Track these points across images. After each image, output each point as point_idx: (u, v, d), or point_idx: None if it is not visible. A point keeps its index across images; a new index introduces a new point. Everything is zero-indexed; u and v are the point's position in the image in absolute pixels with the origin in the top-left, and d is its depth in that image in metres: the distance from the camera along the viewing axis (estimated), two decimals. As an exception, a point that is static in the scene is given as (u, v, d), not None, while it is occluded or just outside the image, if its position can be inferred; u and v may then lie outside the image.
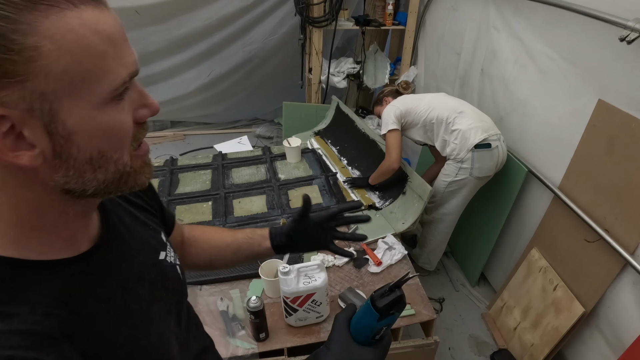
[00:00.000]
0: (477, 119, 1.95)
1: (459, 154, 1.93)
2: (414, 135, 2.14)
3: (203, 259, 0.84)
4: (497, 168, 2.00)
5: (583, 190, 1.66)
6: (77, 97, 0.38)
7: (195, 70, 3.66)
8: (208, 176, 2.37)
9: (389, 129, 2.01)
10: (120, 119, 0.42)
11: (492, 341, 2.07)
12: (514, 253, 2.14)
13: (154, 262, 0.60)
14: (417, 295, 1.62)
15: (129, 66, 0.41)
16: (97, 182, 0.43)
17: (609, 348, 1.57)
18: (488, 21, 2.19)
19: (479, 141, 1.88)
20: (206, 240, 0.84)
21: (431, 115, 2.01)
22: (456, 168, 1.97)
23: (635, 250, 1.42)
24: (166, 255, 0.63)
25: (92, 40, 0.38)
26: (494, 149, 1.92)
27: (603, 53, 1.50)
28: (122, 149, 0.44)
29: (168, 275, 0.61)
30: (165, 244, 0.64)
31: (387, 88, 2.40)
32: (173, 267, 0.63)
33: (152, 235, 0.63)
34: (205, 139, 3.90)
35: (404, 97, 2.18)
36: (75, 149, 0.40)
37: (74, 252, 0.47)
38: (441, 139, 2.02)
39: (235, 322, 1.48)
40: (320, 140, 2.74)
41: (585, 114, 1.62)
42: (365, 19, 2.92)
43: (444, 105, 2.01)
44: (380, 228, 1.94)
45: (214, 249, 0.84)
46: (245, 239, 0.85)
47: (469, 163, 1.92)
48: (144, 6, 3.16)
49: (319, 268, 1.43)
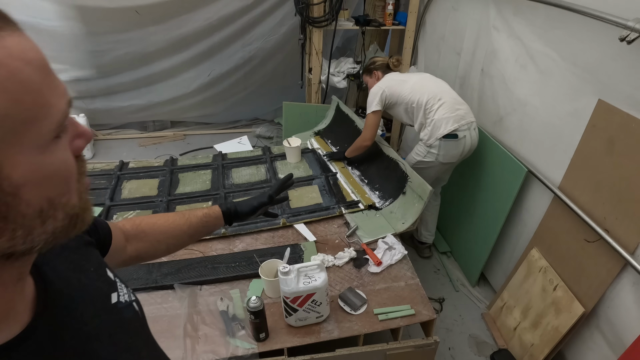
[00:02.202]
0: (453, 109, 2.08)
1: (429, 140, 2.11)
2: (396, 114, 2.31)
3: (160, 250, 0.84)
4: (464, 155, 2.17)
5: (583, 190, 1.66)
6: (21, 143, 0.32)
7: (195, 70, 3.66)
8: (208, 176, 2.37)
9: (372, 110, 2.21)
10: (64, 157, 0.37)
11: (492, 341, 2.07)
12: (514, 253, 2.14)
13: (108, 309, 0.53)
14: (417, 295, 1.62)
15: (64, 94, 0.37)
16: (47, 235, 0.37)
17: (609, 348, 1.57)
18: (488, 21, 2.19)
19: (448, 132, 2.04)
20: (160, 232, 0.84)
21: (412, 99, 2.15)
22: (425, 151, 2.16)
23: (635, 250, 1.42)
24: (118, 295, 0.55)
25: (26, 72, 0.32)
26: (461, 139, 2.08)
27: (603, 53, 1.50)
28: (70, 190, 0.38)
29: (126, 317, 0.55)
30: (114, 281, 0.57)
31: (379, 60, 2.41)
32: (129, 305, 0.56)
33: (96, 277, 0.55)
34: (205, 139, 3.90)
35: (391, 77, 2.28)
36: (24, 204, 0.34)
37: (13, 329, 0.39)
38: (419, 122, 2.17)
39: (235, 322, 1.48)
40: (320, 140, 2.74)
41: (585, 114, 1.62)
42: (365, 19, 2.92)
43: (426, 90, 2.14)
44: (380, 228, 1.94)
45: (172, 238, 0.85)
46: (201, 222, 0.90)
47: (437, 150, 2.11)
48: (144, 6, 3.16)
49: (319, 268, 1.43)
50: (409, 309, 1.55)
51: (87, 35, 3.29)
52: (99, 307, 0.51)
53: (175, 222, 0.86)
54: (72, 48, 3.32)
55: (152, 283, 1.62)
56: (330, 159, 2.48)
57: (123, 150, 3.69)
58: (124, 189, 2.23)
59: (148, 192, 2.21)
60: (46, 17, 3.11)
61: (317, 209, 2.06)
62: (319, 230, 1.95)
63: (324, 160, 2.50)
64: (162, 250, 0.85)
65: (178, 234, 0.86)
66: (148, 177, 2.35)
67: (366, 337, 1.49)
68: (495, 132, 2.23)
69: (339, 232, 1.94)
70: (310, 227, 1.96)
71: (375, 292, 1.63)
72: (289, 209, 2.07)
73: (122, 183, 2.28)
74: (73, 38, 3.27)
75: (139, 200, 2.14)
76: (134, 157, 3.49)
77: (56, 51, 3.30)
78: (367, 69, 2.43)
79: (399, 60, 2.37)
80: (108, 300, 0.53)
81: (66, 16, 3.16)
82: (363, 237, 1.89)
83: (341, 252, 1.80)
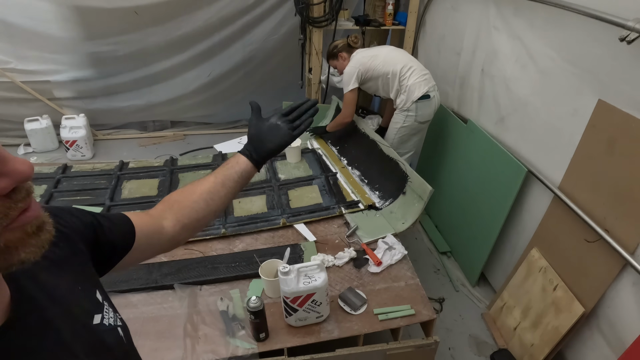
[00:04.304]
0: (421, 75, 2.35)
1: (405, 105, 2.37)
2: (371, 87, 2.50)
3: (201, 209, 0.78)
4: (433, 113, 2.47)
5: (583, 190, 1.66)
6: None
7: (195, 70, 3.66)
8: (208, 176, 2.36)
9: (349, 89, 2.40)
10: None
11: (492, 341, 2.07)
12: (514, 253, 2.14)
13: (88, 328, 0.51)
14: (417, 295, 1.62)
15: None
16: None
17: (609, 348, 1.57)
18: (488, 21, 2.19)
19: (422, 94, 2.32)
20: (193, 192, 0.79)
21: (387, 70, 2.36)
22: (404, 116, 2.41)
23: (635, 250, 1.42)
24: (102, 318, 0.54)
25: None
26: (432, 99, 2.37)
27: (603, 53, 1.50)
28: None
29: (106, 342, 0.53)
30: (102, 304, 0.56)
31: (339, 42, 2.52)
32: (112, 330, 0.55)
33: (83, 295, 0.54)
34: (205, 139, 3.90)
35: (361, 55, 2.43)
36: None
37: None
38: (395, 90, 2.39)
39: (235, 322, 1.48)
40: (320, 140, 2.74)
41: (585, 114, 1.62)
42: (365, 19, 2.92)
43: (397, 60, 2.36)
44: (380, 228, 1.94)
45: (207, 193, 0.79)
46: (224, 169, 0.83)
47: (414, 111, 2.37)
48: (145, 6, 3.16)
49: (319, 268, 1.43)
50: (409, 309, 1.55)
51: (86, 36, 3.29)
52: (78, 324, 0.50)
53: (207, 180, 0.81)
54: (71, 49, 3.33)
55: (152, 283, 1.62)
56: (314, 134, 2.72)
57: (123, 150, 3.69)
58: (124, 189, 2.23)
59: (148, 192, 2.21)
60: (44, 17, 3.11)
61: (317, 209, 2.06)
62: (319, 230, 1.95)
63: (324, 161, 2.50)
64: (202, 208, 0.78)
65: (211, 188, 0.79)
66: (148, 177, 2.35)
67: (366, 337, 1.49)
68: (496, 132, 2.22)
69: (339, 232, 1.94)
70: (310, 227, 1.96)
71: (375, 292, 1.63)
72: (288, 209, 2.07)
73: (122, 183, 2.28)
74: (71, 39, 3.27)
75: (139, 200, 2.14)
76: (134, 157, 3.48)
77: (55, 52, 3.30)
78: (332, 54, 2.54)
79: (357, 37, 2.50)
80: (89, 319, 0.52)
81: (64, 17, 3.16)
82: (363, 237, 1.89)
83: (341, 252, 1.80)
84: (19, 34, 3.12)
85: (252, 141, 0.86)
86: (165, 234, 0.74)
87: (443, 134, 2.66)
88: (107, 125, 3.91)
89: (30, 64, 3.31)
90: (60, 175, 2.32)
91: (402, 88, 2.36)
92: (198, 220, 0.78)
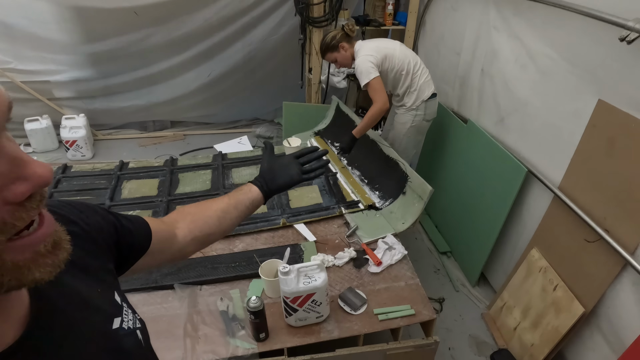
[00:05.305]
0: (427, 74, 2.36)
1: (415, 103, 2.35)
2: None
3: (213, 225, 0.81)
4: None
5: (583, 190, 1.66)
6: None
7: (195, 70, 3.66)
8: (208, 176, 2.37)
9: (372, 76, 2.19)
10: None
11: (492, 341, 2.07)
12: (514, 253, 2.14)
13: (107, 336, 0.50)
14: (417, 295, 1.62)
15: None
16: None
17: (609, 348, 1.57)
18: (488, 21, 2.19)
19: (431, 94, 2.35)
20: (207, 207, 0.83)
21: (402, 65, 2.28)
22: (412, 115, 2.38)
23: (635, 250, 1.42)
24: (122, 321, 0.53)
25: None
26: (437, 97, 2.42)
27: (603, 53, 1.50)
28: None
29: (125, 347, 0.52)
30: (121, 306, 0.54)
31: (335, 33, 2.35)
32: (131, 334, 0.54)
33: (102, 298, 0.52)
34: (205, 139, 3.90)
35: (374, 44, 2.30)
36: None
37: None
38: (406, 87, 2.33)
39: (235, 322, 1.48)
40: (320, 140, 2.74)
41: (585, 114, 1.62)
42: (365, 19, 2.92)
43: (409, 57, 2.30)
44: (380, 228, 1.94)
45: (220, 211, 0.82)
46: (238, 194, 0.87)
47: (422, 110, 2.37)
48: (145, 6, 3.16)
49: (319, 268, 1.43)
50: (409, 309, 1.55)
51: (86, 36, 3.30)
52: (97, 330, 0.49)
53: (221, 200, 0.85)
54: (71, 49, 3.33)
55: (152, 283, 1.62)
56: (345, 153, 2.43)
57: (123, 150, 3.69)
58: (124, 189, 2.23)
59: (148, 192, 2.21)
60: (44, 18, 3.11)
61: (317, 209, 2.06)
62: (319, 230, 1.95)
63: (324, 160, 2.49)
64: (214, 225, 0.81)
65: (225, 207, 0.83)
66: (148, 177, 2.35)
67: (366, 337, 1.49)
68: (496, 132, 2.22)
69: (339, 232, 1.94)
70: (310, 227, 1.96)
71: (375, 292, 1.63)
72: (288, 209, 2.07)
73: (122, 183, 2.28)
74: (71, 39, 3.27)
75: (139, 200, 2.14)
76: (134, 157, 3.49)
77: (55, 52, 3.30)
78: (332, 47, 2.35)
79: (353, 25, 2.37)
80: (109, 324, 0.51)
81: (64, 17, 3.16)
82: (363, 237, 1.89)
83: (341, 252, 1.80)
84: (19, 34, 3.12)
85: (264, 175, 0.92)
86: (176, 243, 0.75)
87: (443, 134, 2.66)
88: (107, 125, 3.91)
89: (30, 64, 3.31)
90: (60, 175, 2.32)
91: (412, 86, 2.32)
92: (208, 236, 0.81)
